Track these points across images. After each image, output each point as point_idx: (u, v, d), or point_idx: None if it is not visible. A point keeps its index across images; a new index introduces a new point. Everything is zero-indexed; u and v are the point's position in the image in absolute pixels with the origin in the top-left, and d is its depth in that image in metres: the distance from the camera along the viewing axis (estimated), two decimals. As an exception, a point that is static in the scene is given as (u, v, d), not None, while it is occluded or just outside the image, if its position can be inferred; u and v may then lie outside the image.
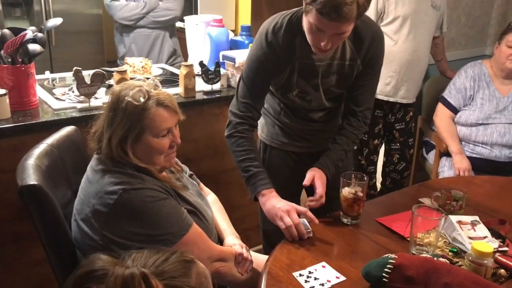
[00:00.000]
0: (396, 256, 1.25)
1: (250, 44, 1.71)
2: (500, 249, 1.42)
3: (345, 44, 1.63)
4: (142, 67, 2.59)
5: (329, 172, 1.68)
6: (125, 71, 2.20)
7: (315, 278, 1.32)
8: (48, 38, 3.78)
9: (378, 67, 1.73)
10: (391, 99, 2.80)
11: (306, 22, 1.50)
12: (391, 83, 2.76)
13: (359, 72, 1.70)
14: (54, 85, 2.38)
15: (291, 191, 1.83)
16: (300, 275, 1.33)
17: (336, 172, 1.72)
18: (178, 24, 3.51)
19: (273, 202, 1.57)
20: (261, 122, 1.96)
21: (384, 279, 1.23)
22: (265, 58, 1.64)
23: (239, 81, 1.73)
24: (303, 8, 1.49)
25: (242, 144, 1.67)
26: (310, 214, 1.55)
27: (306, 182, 1.63)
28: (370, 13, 2.64)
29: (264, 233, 2.02)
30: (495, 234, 1.51)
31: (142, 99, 1.34)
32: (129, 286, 0.83)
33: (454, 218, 1.54)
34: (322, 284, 1.30)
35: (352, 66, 1.67)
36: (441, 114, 2.83)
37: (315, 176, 1.63)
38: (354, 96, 1.76)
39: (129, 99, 1.33)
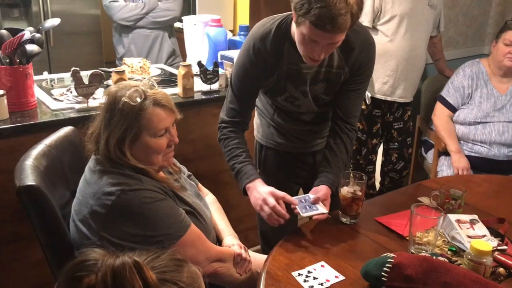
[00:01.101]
0: (395, 255, 1.25)
1: (243, 43, 1.70)
2: (499, 247, 1.42)
3: (333, 52, 1.60)
4: (141, 67, 2.59)
5: (334, 188, 1.64)
6: (123, 72, 2.20)
7: (314, 278, 1.32)
8: (46, 38, 3.77)
9: (367, 75, 1.70)
10: (389, 98, 2.81)
11: (298, 33, 1.47)
12: (389, 82, 2.76)
13: (347, 78, 1.67)
14: (52, 85, 2.38)
15: (287, 190, 1.83)
16: (299, 274, 1.33)
17: None
18: (176, 24, 3.51)
19: (255, 194, 1.57)
20: (256, 122, 1.97)
21: (383, 278, 1.23)
22: (251, 65, 1.63)
23: (228, 86, 1.73)
24: (293, 18, 1.46)
25: (227, 145, 1.70)
26: (288, 197, 1.54)
27: (323, 197, 1.57)
28: (367, 12, 2.65)
29: (261, 233, 2.02)
30: (494, 232, 1.51)
31: (138, 99, 1.33)
32: (121, 274, 0.81)
33: (453, 217, 1.54)
34: (321, 284, 1.30)
35: (339, 74, 1.65)
36: (440, 113, 2.83)
37: (319, 195, 1.58)
38: (341, 102, 1.72)
39: (125, 100, 1.32)
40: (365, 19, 2.63)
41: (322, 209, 1.53)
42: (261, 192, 1.56)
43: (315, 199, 1.55)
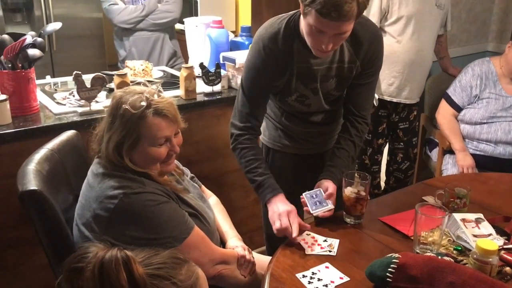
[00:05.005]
0: (400, 256, 1.24)
1: (250, 45, 1.70)
2: (505, 246, 1.41)
3: (343, 47, 1.61)
4: (143, 70, 2.59)
5: (338, 183, 1.65)
6: (125, 74, 2.20)
7: (319, 279, 1.31)
8: (49, 42, 3.79)
9: (377, 67, 1.71)
10: (395, 99, 2.79)
11: (305, 24, 1.47)
12: (395, 84, 2.75)
13: (358, 73, 1.68)
14: (56, 89, 2.38)
15: (294, 192, 1.83)
16: (304, 276, 1.32)
17: None
18: (178, 26, 3.51)
19: (273, 208, 1.57)
20: (262, 125, 1.95)
21: (388, 279, 1.22)
22: (263, 65, 1.62)
23: (238, 90, 1.72)
24: (300, 10, 1.47)
25: (244, 155, 1.67)
26: (303, 223, 1.55)
27: (332, 191, 1.60)
28: (374, 12, 2.64)
29: (267, 236, 2.01)
30: (499, 231, 1.50)
31: (140, 107, 1.32)
32: (107, 267, 0.84)
33: (458, 216, 1.53)
34: (326, 285, 1.29)
35: (351, 69, 1.66)
36: (444, 111, 2.81)
37: (330, 190, 1.60)
38: (353, 96, 1.74)
39: (126, 107, 1.32)
40: (372, 20, 2.62)
41: (330, 205, 1.56)
42: (279, 209, 1.55)
43: (328, 196, 1.57)
